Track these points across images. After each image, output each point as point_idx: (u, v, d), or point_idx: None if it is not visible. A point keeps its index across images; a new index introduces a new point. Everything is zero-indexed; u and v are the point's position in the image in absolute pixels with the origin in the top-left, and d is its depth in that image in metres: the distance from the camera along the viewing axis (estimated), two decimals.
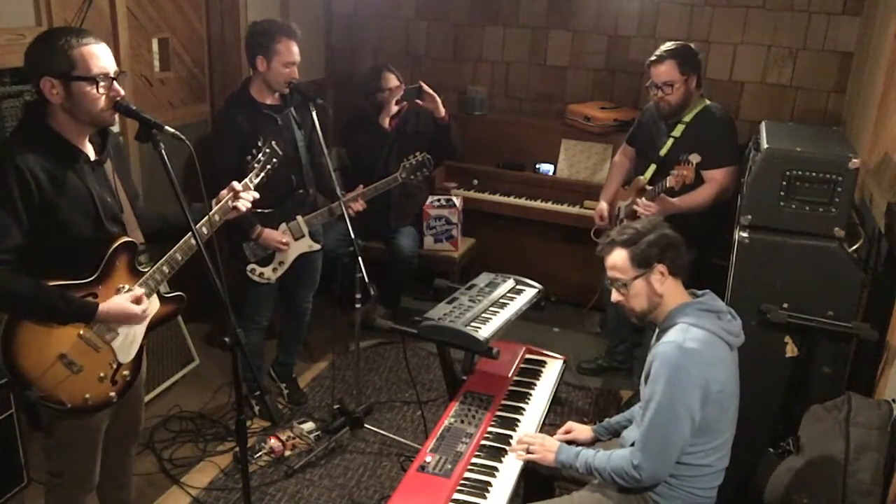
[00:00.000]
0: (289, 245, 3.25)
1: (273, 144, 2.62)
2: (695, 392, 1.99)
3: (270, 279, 3.27)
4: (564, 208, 4.38)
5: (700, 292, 2.19)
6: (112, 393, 2.13)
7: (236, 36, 4.03)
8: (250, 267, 3.23)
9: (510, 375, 2.73)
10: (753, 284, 2.57)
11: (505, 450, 2.29)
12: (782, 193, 2.52)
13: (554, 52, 4.73)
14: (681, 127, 3.36)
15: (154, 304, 2.21)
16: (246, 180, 2.43)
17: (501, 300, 2.81)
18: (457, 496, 2.07)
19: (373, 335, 4.11)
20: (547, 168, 4.57)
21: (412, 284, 4.55)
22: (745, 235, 2.57)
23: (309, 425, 3.34)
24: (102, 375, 2.09)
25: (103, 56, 1.98)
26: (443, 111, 3.97)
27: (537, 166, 4.58)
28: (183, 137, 2.00)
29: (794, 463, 2.30)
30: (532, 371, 2.80)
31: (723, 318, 2.11)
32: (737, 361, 2.15)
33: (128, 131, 3.34)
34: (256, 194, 2.42)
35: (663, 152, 3.39)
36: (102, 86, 1.97)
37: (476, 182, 4.62)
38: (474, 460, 2.22)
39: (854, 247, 2.62)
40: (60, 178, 1.97)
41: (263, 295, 3.34)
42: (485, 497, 2.08)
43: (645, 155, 3.54)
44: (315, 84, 4.74)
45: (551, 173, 4.55)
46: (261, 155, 2.58)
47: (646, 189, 3.40)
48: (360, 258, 3.09)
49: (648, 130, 3.54)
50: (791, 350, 2.57)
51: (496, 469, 2.20)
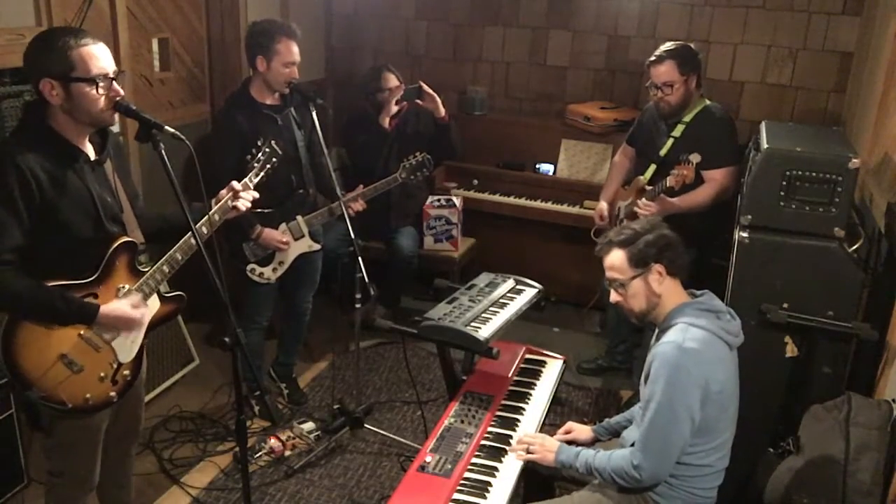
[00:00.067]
0: (289, 245, 3.25)
1: (273, 144, 2.62)
2: (694, 392, 1.99)
3: (270, 279, 3.27)
4: (564, 208, 4.38)
5: (699, 292, 2.19)
6: (112, 393, 2.13)
7: (236, 36, 4.04)
8: (250, 267, 3.23)
9: (510, 375, 2.73)
10: (753, 284, 2.57)
11: (505, 450, 2.29)
12: (782, 193, 2.52)
13: (554, 52, 4.73)
14: (681, 127, 3.36)
15: (154, 304, 2.21)
16: (245, 180, 2.43)
17: (501, 300, 2.81)
18: (457, 496, 2.07)
19: (373, 335, 4.11)
20: (547, 168, 4.57)
21: (412, 284, 4.55)
22: (745, 235, 2.57)
23: (309, 425, 3.34)
24: (103, 375, 2.09)
25: (102, 56, 1.98)
26: (443, 111, 3.97)
27: (537, 166, 4.59)
28: (183, 137, 2.00)
29: (794, 463, 2.30)
30: (532, 371, 2.80)
31: (722, 318, 2.11)
32: (736, 361, 2.15)
33: (128, 131, 3.34)
34: (256, 194, 2.42)
35: (663, 152, 3.39)
36: (102, 86, 1.97)
37: (476, 182, 4.62)
38: (474, 460, 2.22)
39: (854, 247, 2.62)
40: (61, 178, 1.97)
41: (263, 295, 3.35)
42: (485, 497, 2.08)
43: (645, 155, 3.54)
44: (315, 84, 4.74)
45: (551, 173, 4.55)
46: (260, 154, 2.58)
47: (646, 189, 3.40)
48: (360, 258, 3.09)
49: (648, 130, 3.54)
50: (791, 350, 2.57)
51: (496, 469, 2.20)
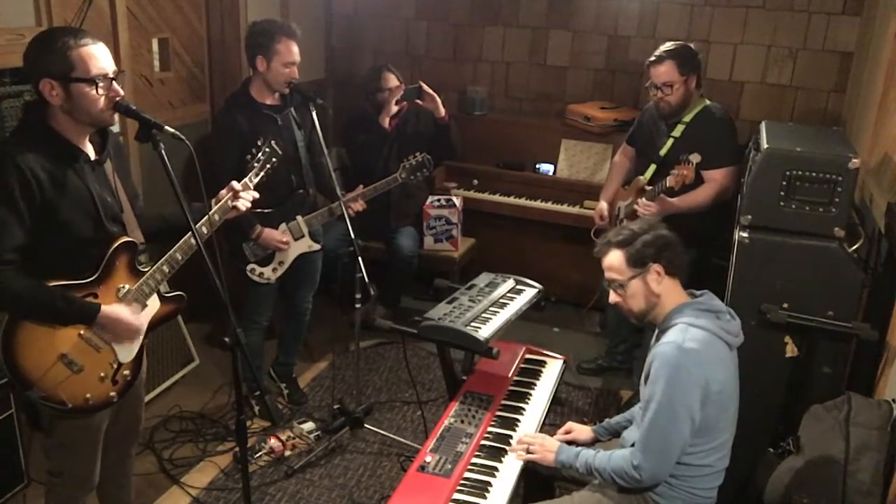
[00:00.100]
0: (289, 245, 3.25)
1: (273, 144, 2.62)
2: (695, 392, 1.99)
3: (270, 279, 3.27)
4: (564, 208, 4.38)
5: (699, 292, 2.19)
6: (113, 393, 2.13)
7: (236, 36, 4.03)
8: (250, 267, 3.23)
9: (510, 375, 2.72)
10: (753, 284, 2.57)
11: (505, 450, 2.29)
12: (782, 193, 2.52)
13: (554, 52, 4.73)
14: (681, 127, 3.35)
15: (154, 304, 2.21)
16: (245, 180, 2.43)
17: (501, 300, 2.81)
18: (457, 496, 2.07)
19: (373, 335, 4.11)
20: (547, 168, 4.57)
21: (412, 284, 4.55)
22: (745, 235, 2.57)
23: (309, 425, 3.34)
24: (103, 375, 2.09)
25: (102, 57, 1.98)
26: (443, 111, 3.97)
27: (537, 166, 4.58)
28: (183, 137, 2.00)
29: (794, 463, 2.30)
30: (532, 371, 2.80)
31: (722, 318, 2.11)
32: (736, 361, 2.15)
33: (128, 131, 3.34)
34: (256, 194, 2.42)
35: (663, 152, 3.39)
36: (101, 86, 1.97)
37: (476, 182, 4.62)
38: (474, 460, 2.22)
39: (854, 247, 2.62)
40: (61, 178, 1.97)
41: (263, 295, 3.35)
42: (485, 497, 2.08)
43: (645, 155, 3.53)
44: (315, 84, 4.74)
45: (551, 173, 4.55)
46: (260, 154, 2.58)
47: (645, 189, 3.40)
48: (360, 258, 3.09)
49: (648, 130, 3.54)
50: (791, 350, 2.57)
51: (496, 469, 2.20)
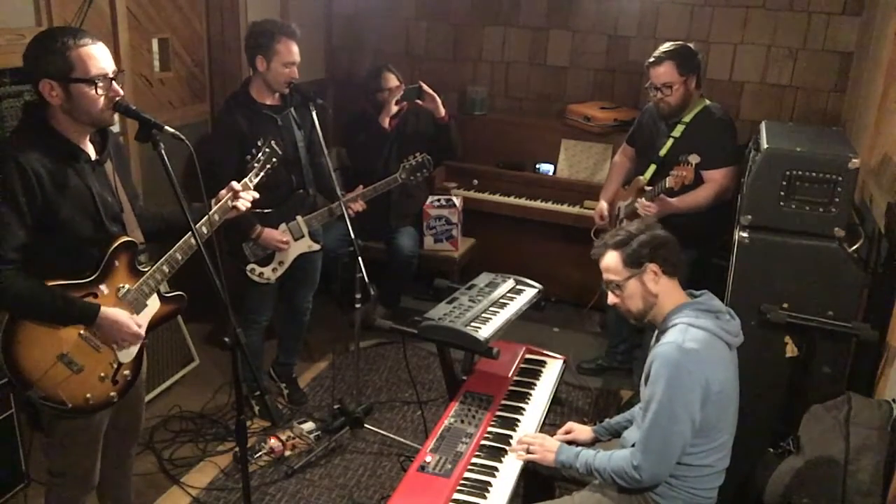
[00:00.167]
0: (289, 245, 3.25)
1: (273, 144, 2.63)
2: (695, 392, 1.99)
3: (270, 279, 3.27)
4: (564, 208, 4.38)
5: (698, 293, 2.19)
6: (113, 393, 2.13)
7: (236, 36, 4.03)
8: (250, 267, 3.23)
9: (510, 375, 2.72)
10: (753, 284, 2.57)
11: (505, 450, 2.29)
12: (782, 193, 2.52)
13: (554, 52, 4.73)
14: (680, 127, 3.35)
15: (154, 304, 2.21)
16: (245, 180, 2.43)
17: (501, 300, 2.81)
18: (457, 496, 2.07)
19: (373, 335, 4.11)
20: (547, 168, 4.57)
21: (412, 284, 4.54)
22: (745, 235, 2.57)
23: (309, 425, 3.34)
24: (103, 375, 2.09)
25: (101, 57, 1.98)
26: (443, 111, 3.97)
27: (537, 166, 4.58)
28: (183, 137, 2.00)
29: (794, 463, 2.30)
30: (532, 371, 2.80)
31: (721, 318, 2.11)
32: (736, 362, 2.15)
33: (128, 131, 3.35)
34: (256, 194, 2.42)
35: (663, 152, 3.39)
36: (101, 87, 1.96)
37: (476, 182, 4.62)
38: (474, 460, 2.22)
39: (854, 247, 2.62)
40: (62, 178, 1.97)
41: (263, 295, 3.34)
42: (485, 497, 2.08)
43: (645, 155, 3.54)
44: (315, 84, 4.74)
45: (551, 173, 4.55)
46: (260, 155, 2.58)
47: (645, 189, 3.40)
48: (360, 258, 3.09)
49: (648, 130, 3.54)
50: (791, 350, 2.57)
51: (496, 469, 2.20)
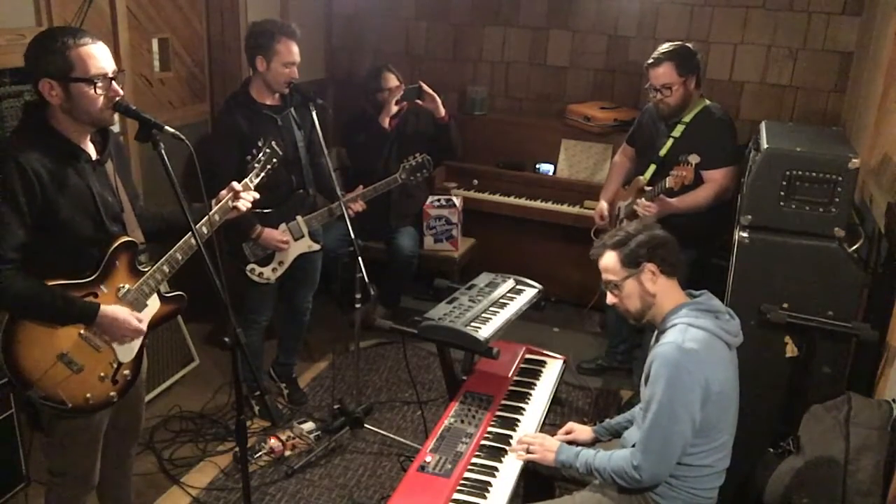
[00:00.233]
0: (289, 245, 3.25)
1: (273, 144, 2.63)
2: (695, 392, 1.99)
3: (270, 279, 3.27)
4: (564, 208, 4.38)
5: (697, 293, 2.19)
6: (113, 392, 2.13)
7: (236, 36, 4.03)
8: (250, 267, 3.23)
9: (510, 375, 2.72)
10: (753, 284, 2.57)
11: (505, 450, 2.29)
12: (782, 193, 2.52)
13: (554, 52, 4.73)
14: (680, 127, 3.35)
15: (154, 304, 2.21)
16: (246, 180, 2.43)
17: (501, 300, 2.81)
18: (457, 496, 2.07)
19: (373, 335, 4.11)
20: (547, 168, 4.57)
21: (412, 284, 4.54)
22: (745, 235, 2.57)
23: (309, 425, 3.34)
24: (103, 375, 2.09)
25: (101, 56, 1.98)
26: (443, 111, 3.97)
27: (537, 166, 4.58)
28: (183, 137, 2.00)
29: (794, 463, 2.30)
30: (532, 371, 2.80)
31: (721, 318, 2.11)
32: (736, 361, 2.15)
33: (128, 131, 3.34)
34: (256, 194, 2.42)
35: (663, 153, 3.39)
36: (101, 86, 1.96)
37: (476, 182, 4.62)
38: (474, 460, 2.22)
39: (854, 247, 2.62)
40: (62, 177, 1.97)
41: (263, 295, 3.34)
42: (485, 497, 2.08)
43: (645, 155, 3.54)
44: (315, 84, 4.74)
45: (551, 173, 4.55)
46: (261, 155, 2.58)
47: (645, 190, 3.40)
48: (360, 258, 3.09)
49: (648, 131, 3.54)
50: (791, 350, 2.57)
51: (496, 469, 2.20)
